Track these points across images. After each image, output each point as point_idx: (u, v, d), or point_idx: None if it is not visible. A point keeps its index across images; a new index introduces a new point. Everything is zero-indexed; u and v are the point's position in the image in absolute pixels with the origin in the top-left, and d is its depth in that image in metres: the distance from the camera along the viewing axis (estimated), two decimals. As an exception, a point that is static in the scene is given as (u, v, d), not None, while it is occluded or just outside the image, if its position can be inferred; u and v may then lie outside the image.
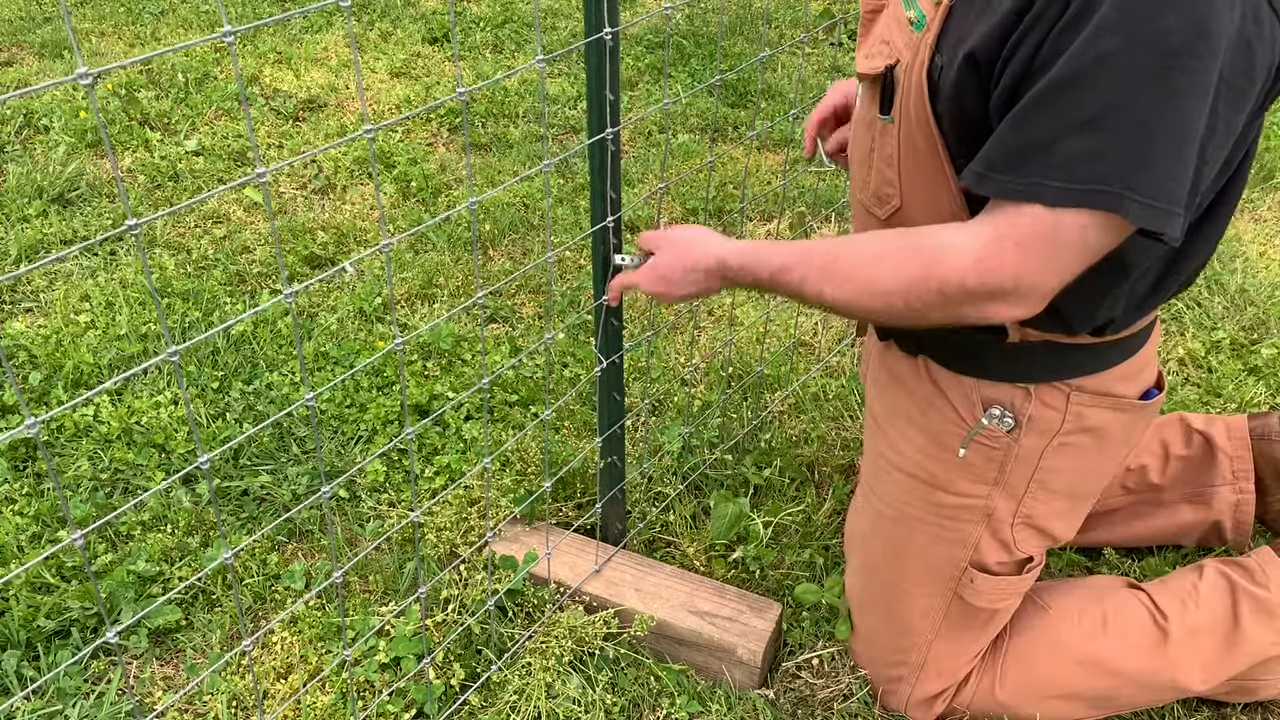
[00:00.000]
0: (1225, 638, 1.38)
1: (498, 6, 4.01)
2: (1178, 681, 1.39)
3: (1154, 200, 0.92)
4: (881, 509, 1.38)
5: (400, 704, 1.43)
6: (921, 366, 1.30)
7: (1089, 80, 0.91)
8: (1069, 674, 1.40)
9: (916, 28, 1.10)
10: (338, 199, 2.76)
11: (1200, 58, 0.88)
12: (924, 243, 1.05)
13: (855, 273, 1.09)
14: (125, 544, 1.72)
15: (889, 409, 1.36)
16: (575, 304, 2.36)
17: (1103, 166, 0.92)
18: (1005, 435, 1.25)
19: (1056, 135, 0.93)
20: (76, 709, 1.46)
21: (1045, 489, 1.29)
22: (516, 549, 1.59)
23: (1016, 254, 0.98)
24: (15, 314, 2.28)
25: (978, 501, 1.30)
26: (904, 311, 1.07)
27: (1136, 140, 0.91)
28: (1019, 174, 0.96)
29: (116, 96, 3.12)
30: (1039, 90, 0.94)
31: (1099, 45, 0.89)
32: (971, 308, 1.04)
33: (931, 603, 1.39)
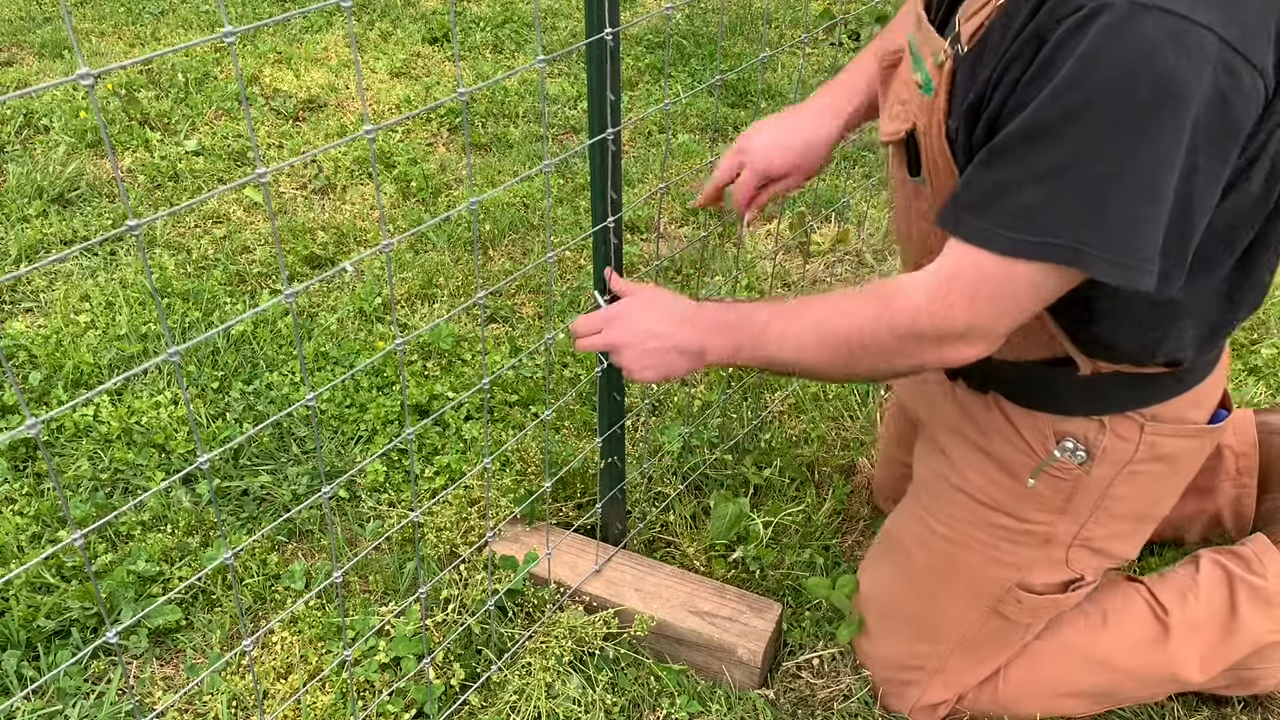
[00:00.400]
0: (1223, 628, 1.39)
1: (498, 6, 4.01)
2: (1177, 675, 1.39)
3: (1113, 255, 0.92)
4: (934, 525, 1.36)
5: (400, 704, 1.43)
6: (991, 401, 1.28)
7: (1052, 133, 0.91)
8: (1071, 671, 1.40)
9: (925, 91, 1.09)
10: (338, 199, 2.76)
11: (1166, 115, 0.88)
12: (881, 285, 1.07)
13: (818, 317, 1.11)
14: (125, 544, 1.72)
15: (952, 432, 1.34)
16: (575, 304, 2.36)
17: (1058, 219, 0.92)
18: (1077, 467, 1.23)
19: (1016, 184, 0.94)
20: (76, 709, 1.46)
21: (1110, 514, 1.28)
22: (516, 549, 1.59)
23: (965, 299, 0.99)
24: (15, 314, 2.28)
25: (1040, 528, 1.29)
26: (862, 356, 1.08)
27: (1096, 194, 0.91)
28: (977, 218, 0.96)
29: (116, 96, 3.12)
30: (1004, 138, 0.95)
31: (1063, 99, 0.90)
32: (925, 349, 1.04)
33: (966, 616, 1.37)
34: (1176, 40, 0.85)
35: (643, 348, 1.19)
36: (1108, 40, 0.87)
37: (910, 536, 1.40)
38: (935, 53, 1.07)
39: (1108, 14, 0.87)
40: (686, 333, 1.18)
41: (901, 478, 1.69)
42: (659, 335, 1.19)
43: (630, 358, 1.20)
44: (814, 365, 1.12)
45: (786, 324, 1.12)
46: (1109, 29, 0.86)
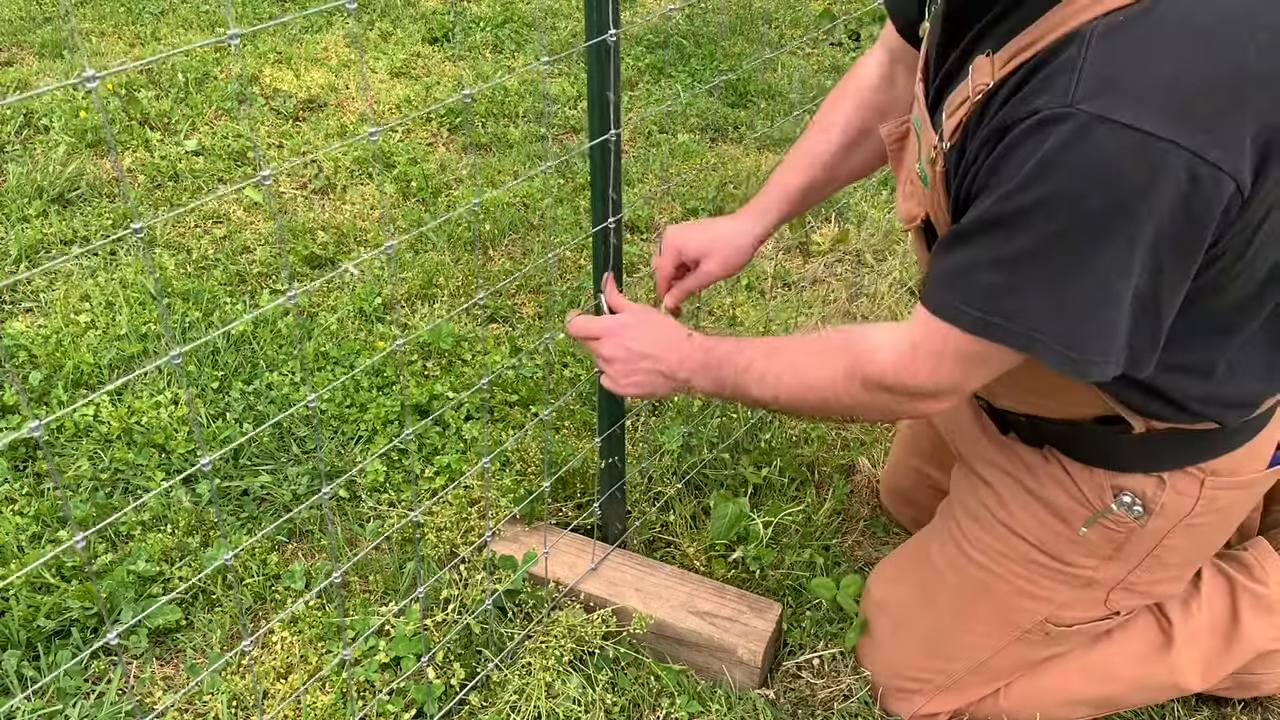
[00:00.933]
0: (1225, 636, 1.38)
1: (498, 6, 4.01)
2: (1179, 683, 1.39)
3: (1066, 348, 0.94)
4: (971, 553, 1.35)
5: (400, 704, 1.43)
6: (1048, 454, 1.27)
7: (1008, 227, 0.93)
8: (1073, 681, 1.40)
9: (924, 183, 1.11)
10: (338, 199, 2.76)
11: (1120, 225, 0.88)
12: (854, 338, 1.11)
13: (795, 361, 1.15)
14: (125, 544, 1.72)
15: (999, 470, 1.33)
16: (575, 304, 2.36)
17: (1014, 305, 0.95)
18: (1132, 521, 1.22)
19: (977, 265, 0.96)
20: (76, 709, 1.46)
21: (1159, 563, 1.27)
22: (516, 549, 1.59)
23: (931, 363, 1.03)
24: (15, 314, 2.28)
25: (1083, 572, 1.28)
26: (834, 404, 1.12)
27: (1050, 289, 0.93)
28: (943, 291, 1.00)
29: (117, 96, 3.12)
30: (968, 223, 0.97)
31: (1018, 198, 0.91)
32: (896, 403, 1.09)
33: (987, 642, 1.37)
34: (1136, 155, 0.85)
35: (631, 366, 1.26)
36: (1064, 150, 0.87)
37: (943, 558, 1.39)
38: (927, 148, 1.08)
39: (1067, 123, 0.87)
40: (674, 361, 1.23)
41: (918, 486, 1.68)
42: (649, 358, 1.25)
43: (618, 372, 1.27)
44: (791, 406, 1.17)
45: (767, 365, 1.17)
46: (1067, 138, 0.87)
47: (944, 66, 1.08)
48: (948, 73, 1.08)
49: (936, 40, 1.10)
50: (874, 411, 1.13)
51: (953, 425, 1.45)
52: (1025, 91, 0.92)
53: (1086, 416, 1.18)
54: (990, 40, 0.99)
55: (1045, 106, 0.88)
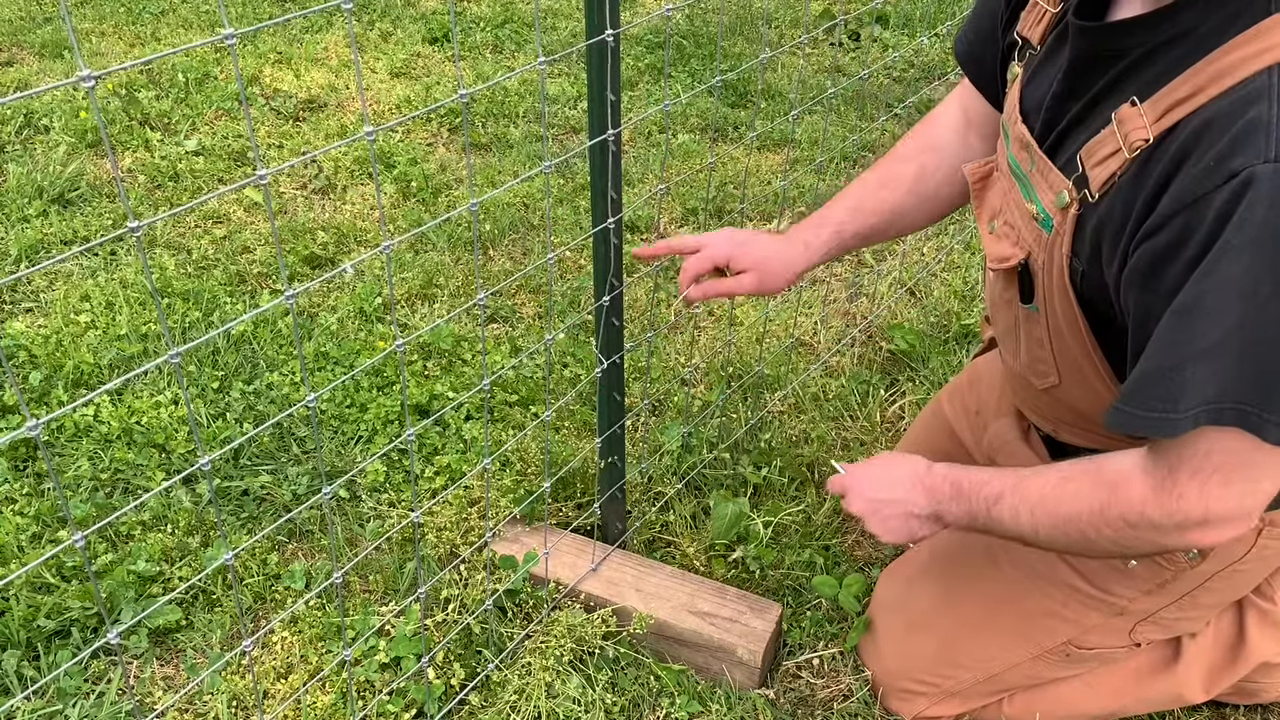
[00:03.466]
0: (1231, 650, 1.38)
1: (498, 6, 4.01)
2: (1183, 695, 1.39)
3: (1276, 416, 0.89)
4: (1006, 566, 1.34)
5: (400, 704, 1.43)
6: None
7: (1211, 308, 0.87)
8: (1078, 695, 1.39)
9: (1044, 226, 1.07)
10: (338, 199, 2.76)
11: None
12: (1106, 472, 1.03)
13: (1045, 493, 1.08)
14: (125, 544, 1.72)
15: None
16: (575, 304, 2.36)
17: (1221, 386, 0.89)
18: (1186, 561, 1.21)
19: (1179, 364, 0.90)
20: (76, 709, 1.46)
21: (1194, 603, 1.26)
22: (516, 549, 1.59)
23: (1192, 484, 0.95)
24: (15, 314, 2.28)
25: (1118, 601, 1.27)
26: (1098, 540, 1.05)
27: (1259, 362, 0.88)
28: (1143, 406, 0.93)
29: (117, 96, 3.12)
30: (1165, 318, 0.91)
31: (1222, 272, 0.86)
32: (1167, 536, 1.00)
33: (1003, 655, 1.36)
34: None
35: (880, 514, 1.22)
36: (1269, 208, 0.83)
37: (973, 567, 1.38)
38: (1058, 191, 1.04)
39: (1267, 178, 0.83)
40: (919, 498, 1.19)
41: None
42: (893, 503, 1.21)
43: (873, 525, 1.24)
44: (1053, 544, 1.11)
45: (1018, 499, 1.10)
46: (1270, 196, 0.83)
47: (1067, 112, 1.05)
48: (1075, 118, 1.04)
49: (1053, 88, 1.07)
50: (1146, 547, 1.04)
51: (995, 443, 1.43)
52: (1211, 157, 0.87)
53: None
54: (1131, 86, 0.96)
55: (1243, 166, 0.85)
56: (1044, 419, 1.30)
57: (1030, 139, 1.10)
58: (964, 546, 1.41)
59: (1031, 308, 1.14)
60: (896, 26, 3.81)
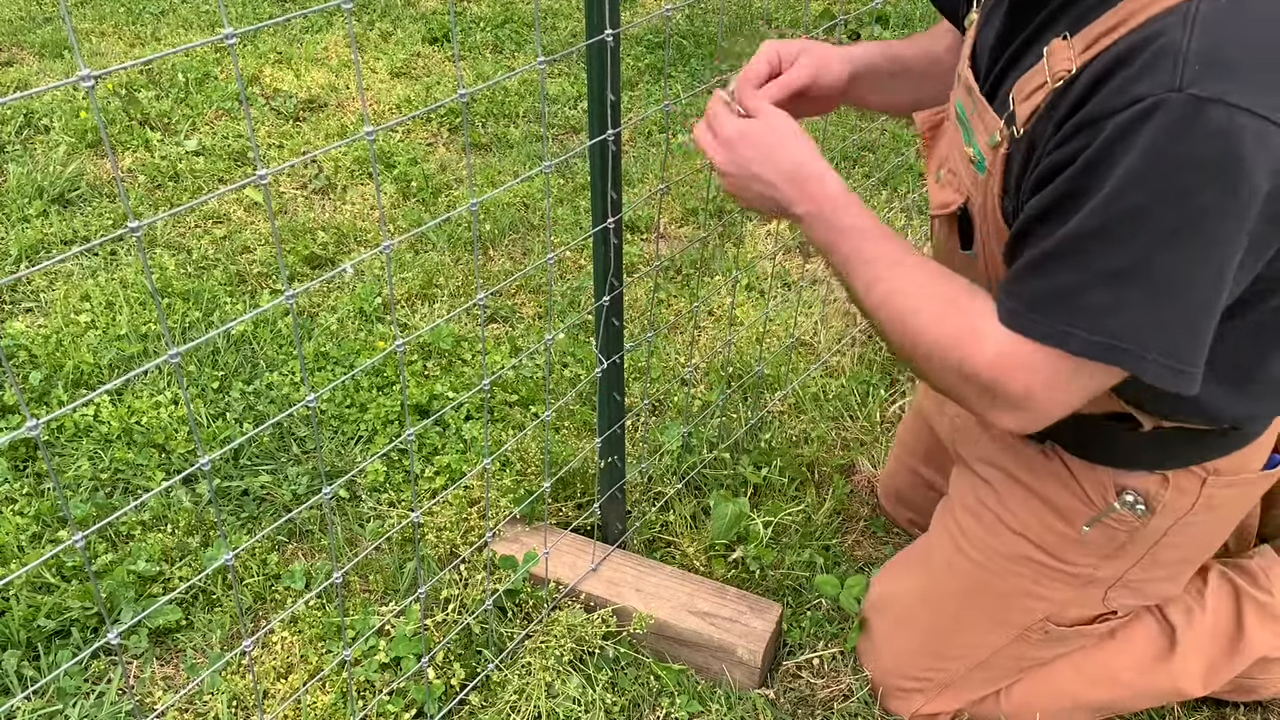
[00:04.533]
0: (1229, 643, 1.38)
1: (498, 6, 4.01)
2: (1181, 688, 1.39)
3: (1171, 361, 0.90)
4: (970, 551, 1.34)
5: (400, 704, 1.43)
6: (1049, 450, 1.25)
7: (1114, 235, 0.88)
8: (1074, 685, 1.40)
9: (979, 168, 1.06)
10: (338, 199, 2.76)
11: (1232, 219, 0.84)
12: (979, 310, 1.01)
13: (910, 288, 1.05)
14: (125, 544, 1.72)
15: (998, 469, 1.31)
16: (575, 304, 2.36)
17: (1123, 323, 0.90)
18: (1135, 519, 1.21)
19: (1082, 285, 0.91)
20: (76, 709, 1.46)
21: (1156, 562, 1.26)
22: (516, 549, 1.59)
23: (1027, 378, 0.97)
24: (15, 314, 2.28)
25: (1083, 570, 1.27)
26: (922, 358, 1.04)
27: (1159, 300, 0.89)
28: (1045, 316, 0.94)
29: (117, 96, 3.12)
30: (1062, 240, 0.91)
31: (1125, 200, 0.86)
32: (976, 397, 1.02)
33: (986, 640, 1.36)
34: (1253, 139, 0.81)
35: (744, 184, 1.15)
36: (1175, 140, 0.82)
37: (942, 557, 1.38)
38: (990, 131, 1.04)
39: (1177, 109, 0.82)
40: (792, 196, 1.11)
41: (915, 488, 1.68)
42: (764, 184, 1.13)
43: (730, 185, 1.17)
44: (875, 323, 1.08)
45: (886, 271, 1.06)
46: (1177, 126, 0.82)
47: (1006, 51, 1.05)
48: (1011, 57, 1.04)
49: (997, 28, 1.07)
50: (948, 388, 1.05)
51: (952, 429, 1.44)
52: (1119, 79, 0.86)
53: (1095, 412, 1.16)
54: (1064, 22, 0.95)
55: (1149, 93, 0.83)
56: None
57: (973, 82, 1.09)
58: (933, 539, 1.42)
59: (970, 254, 1.13)
60: (897, 26, 3.81)
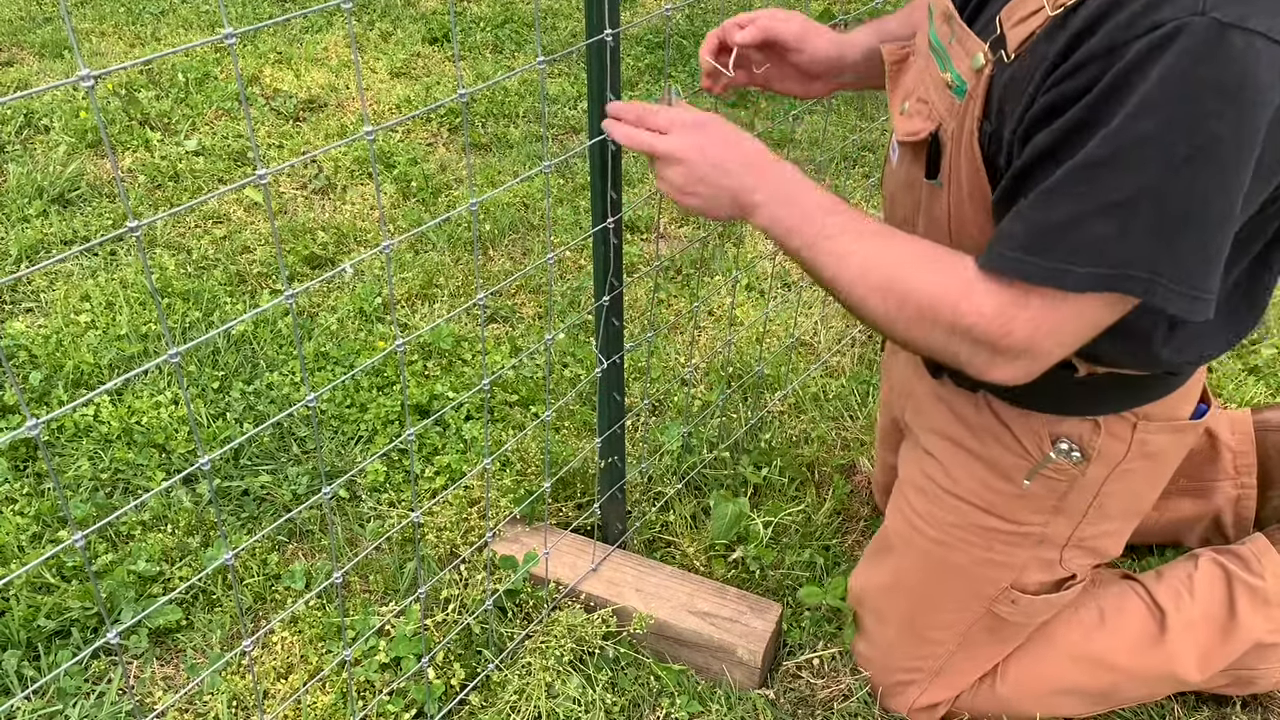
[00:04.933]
0: (1221, 628, 1.39)
1: (498, 6, 4.01)
2: (1175, 673, 1.39)
3: (1183, 287, 0.89)
4: (924, 529, 1.34)
5: (400, 704, 1.43)
6: (981, 401, 1.26)
7: (1124, 162, 0.86)
8: (1067, 671, 1.40)
9: (957, 94, 1.04)
10: (338, 199, 2.76)
11: (1247, 147, 0.84)
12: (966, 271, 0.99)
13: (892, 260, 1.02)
14: (125, 544, 1.72)
15: (940, 436, 1.32)
16: (575, 304, 2.36)
17: (1131, 251, 0.88)
18: (1072, 467, 1.22)
19: (1083, 217, 0.89)
20: (76, 709, 1.46)
21: (1102, 513, 1.27)
22: (516, 549, 1.59)
23: (1030, 325, 0.95)
24: (15, 314, 2.28)
25: (1034, 529, 1.28)
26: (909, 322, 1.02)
27: (1169, 227, 0.87)
28: (1042, 257, 0.92)
29: (117, 96, 3.12)
30: (1071, 168, 0.89)
31: (1138, 127, 0.84)
32: (972, 352, 0.99)
33: (960, 617, 1.37)
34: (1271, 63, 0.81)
35: (700, 173, 1.08)
36: (1196, 63, 0.81)
37: (900, 540, 1.39)
38: (973, 54, 1.02)
39: (1195, 32, 0.81)
40: (750, 183, 1.07)
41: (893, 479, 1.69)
42: (724, 170, 1.08)
43: (681, 175, 1.09)
44: (854, 298, 1.04)
45: (856, 244, 1.03)
46: (1199, 50, 0.81)
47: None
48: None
49: None
50: (940, 347, 1.01)
51: (903, 399, 1.44)
52: (1138, 3, 0.84)
53: None
54: None
55: (1173, 16, 0.81)
56: None
57: (952, 9, 1.07)
58: (889, 526, 1.42)
59: (935, 183, 1.11)
60: (896, 26, 3.81)
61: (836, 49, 1.34)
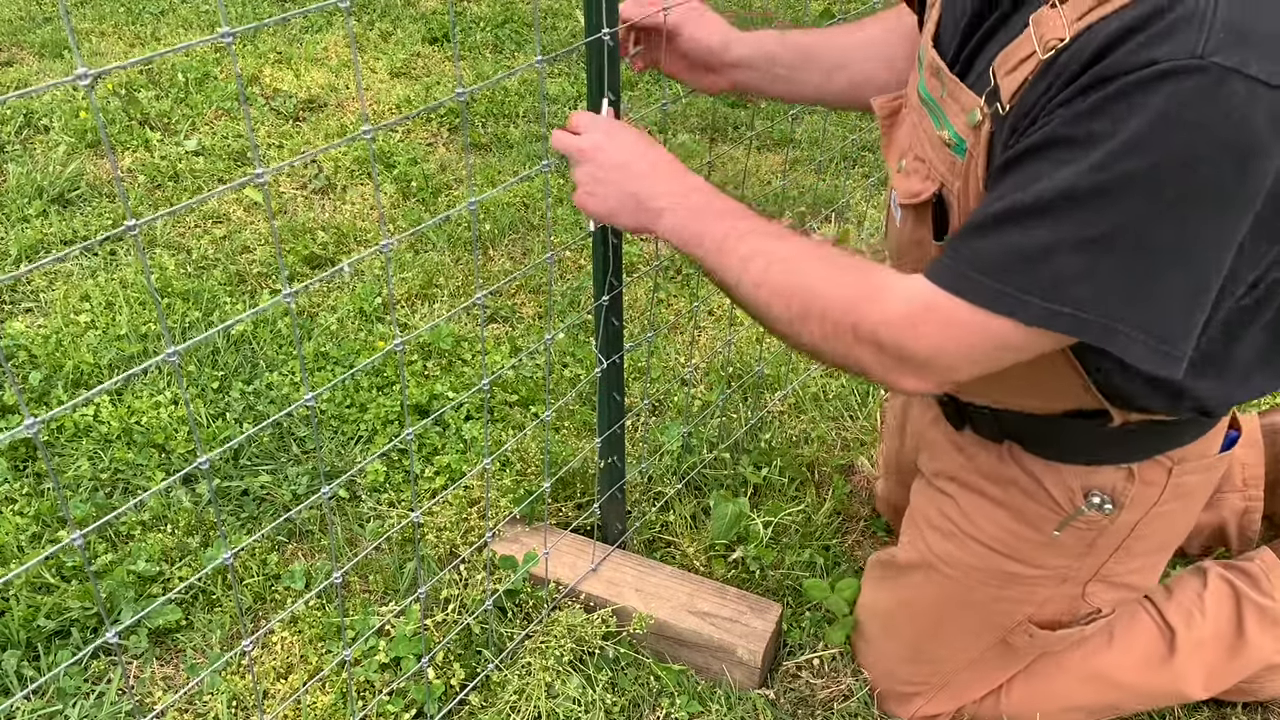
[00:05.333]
0: (1229, 648, 1.37)
1: (498, 6, 4.01)
2: (1182, 691, 1.39)
3: (1148, 337, 0.84)
4: (944, 569, 1.31)
5: (400, 704, 1.43)
6: (1006, 453, 1.21)
7: (1105, 199, 0.81)
8: (1075, 688, 1.39)
9: (957, 152, 1.00)
10: (338, 199, 2.76)
11: (1241, 200, 0.80)
12: (872, 276, 0.96)
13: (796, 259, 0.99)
14: (125, 544, 1.72)
15: (959, 483, 1.28)
16: (575, 304, 2.36)
17: (1091, 292, 0.83)
18: (1104, 518, 1.18)
19: (1056, 248, 0.83)
20: (76, 709, 1.46)
21: (1129, 554, 1.24)
22: (516, 549, 1.59)
23: (944, 336, 0.90)
24: (15, 314, 2.28)
25: (1058, 571, 1.25)
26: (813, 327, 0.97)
27: (1143, 272, 0.82)
28: (997, 280, 0.86)
29: (116, 96, 3.12)
30: (1046, 191, 0.83)
31: (1124, 163, 0.79)
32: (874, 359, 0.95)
33: (973, 644, 1.35)
34: (1271, 115, 0.77)
35: (604, 173, 1.09)
36: (1188, 106, 0.77)
37: (919, 573, 1.35)
38: (969, 110, 0.97)
39: (1195, 77, 0.77)
40: (657, 188, 1.06)
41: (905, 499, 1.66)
42: (628, 172, 1.08)
43: (586, 174, 1.10)
44: (758, 303, 1.01)
45: (763, 245, 1.01)
46: (1193, 94, 0.77)
47: (981, 26, 0.99)
48: (988, 31, 0.98)
49: (968, 3, 1.01)
50: (843, 356, 0.96)
51: (915, 440, 1.41)
52: (1133, 43, 0.80)
53: (1058, 410, 1.12)
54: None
55: (1169, 56, 0.77)
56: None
57: (941, 64, 1.03)
58: (905, 557, 1.37)
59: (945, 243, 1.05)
60: (897, 26, 3.81)
61: (720, 39, 1.30)
